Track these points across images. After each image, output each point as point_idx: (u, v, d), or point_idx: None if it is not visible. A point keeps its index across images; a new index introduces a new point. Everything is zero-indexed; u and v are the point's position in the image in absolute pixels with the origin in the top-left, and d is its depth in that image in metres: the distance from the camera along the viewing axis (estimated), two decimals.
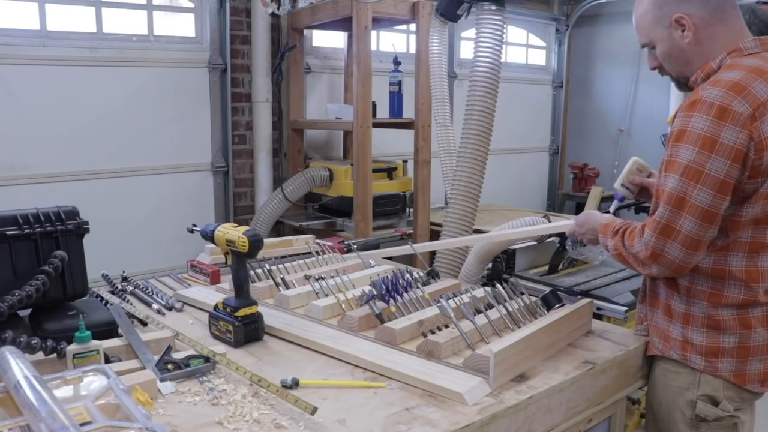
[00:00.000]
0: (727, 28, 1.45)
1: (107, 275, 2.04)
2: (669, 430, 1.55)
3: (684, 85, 1.54)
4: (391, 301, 1.63)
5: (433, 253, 2.97)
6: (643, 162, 1.77)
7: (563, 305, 1.65)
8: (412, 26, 3.89)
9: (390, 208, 3.77)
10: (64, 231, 1.56)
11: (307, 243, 2.29)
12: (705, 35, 1.44)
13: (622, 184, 1.75)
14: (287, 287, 1.85)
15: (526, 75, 5.62)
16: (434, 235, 3.46)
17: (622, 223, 1.54)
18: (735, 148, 1.31)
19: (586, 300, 1.69)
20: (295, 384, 1.31)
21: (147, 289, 1.93)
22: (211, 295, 1.85)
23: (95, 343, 1.33)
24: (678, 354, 1.50)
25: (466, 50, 5.05)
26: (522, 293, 1.70)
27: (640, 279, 2.39)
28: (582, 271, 2.57)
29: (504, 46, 2.72)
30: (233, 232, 1.54)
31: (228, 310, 1.55)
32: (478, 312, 1.57)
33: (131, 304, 1.80)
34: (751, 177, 1.34)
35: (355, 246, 2.23)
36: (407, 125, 3.72)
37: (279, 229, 3.97)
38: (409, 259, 2.56)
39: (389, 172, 3.84)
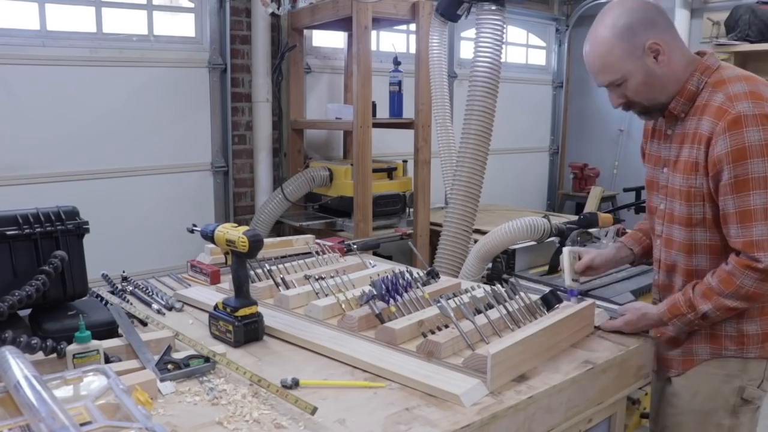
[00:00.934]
0: (680, 44, 1.51)
1: (107, 275, 2.04)
2: (704, 421, 1.59)
3: (657, 112, 1.57)
4: (391, 301, 1.63)
5: (433, 253, 2.97)
6: (576, 248, 1.88)
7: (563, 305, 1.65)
8: (412, 26, 3.89)
9: (390, 208, 3.77)
10: (64, 231, 1.56)
11: (307, 243, 2.29)
12: (673, 57, 1.49)
13: (573, 280, 1.80)
14: (287, 287, 1.85)
15: (526, 75, 5.62)
16: (434, 235, 3.46)
17: (685, 290, 1.52)
18: None
19: (589, 301, 1.69)
20: (295, 384, 1.31)
21: (147, 289, 1.93)
22: (211, 295, 1.85)
23: (95, 343, 1.33)
24: (732, 351, 1.55)
25: (466, 50, 5.05)
26: (516, 292, 1.69)
27: (639, 279, 2.40)
28: None
29: (504, 46, 2.72)
30: (233, 232, 1.54)
31: (228, 310, 1.55)
32: (478, 312, 1.57)
33: (131, 304, 1.80)
34: None
35: (355, 246, 2.23)
36: (407, 125, 3.72)
37: (279, 229, 3.97)
38: (409, 259, 2.56)
39: (389, 172, 3.84)
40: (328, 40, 4.31)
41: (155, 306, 1.79)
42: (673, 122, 1.57)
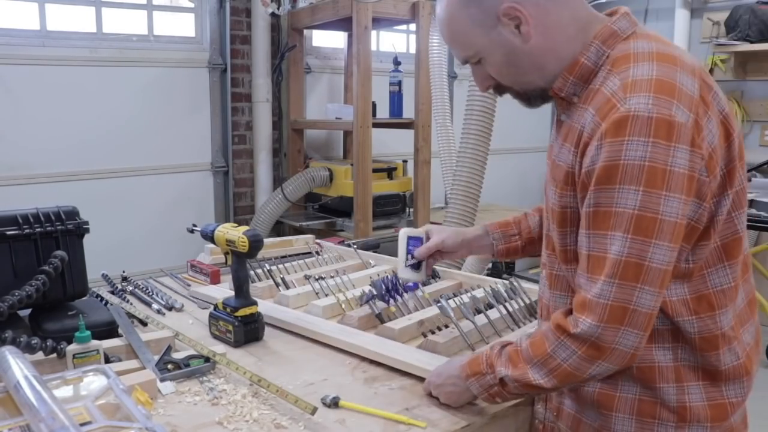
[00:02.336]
0: (567, 9, 1.07)
1: (107, 275, 2.04)
2: None
3: (538, 98, 1.15)
4: (391, 301, 1.63)
5: None
6: (414, 229, 1.49)
7: None
8: (412, 26, 3.89)
9: (390, 208, 3.77)
10: (64, 231, 1.56)
11: (307, 243, 2.29)
12: (549, 23, 1.06)
13: (406, 266, 1.44)
14: (287, 287, 1.85)
15: None
16: None
17: (494, 344, 1.16)
18: (688, 176, 0.95)
19: None
20: (335, 404, 1.23)
21: (147, 289, 1.93)
22: (226, 294, 1.84)
23: (95, 343, 1.33)
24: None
25: None
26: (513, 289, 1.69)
27: None
28: None
29: None
30: (233, 232, 1.53)
31: (228, 310, 1.55)
32: (478, 312, 1.57)
33: (131, 304, 1.79)
34: (703, 203, 1.00)
35: (355, 246, 2.23)
36: (407, 125, 3.72)
37: (279, 229, 3.97)
38: None
39: (389, 172, 3.85)
40: (328, 40, 4.31)
41: (155, 306, 1.79)
42: (565, 107, 1.11)
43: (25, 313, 1.55)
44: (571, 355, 1.01)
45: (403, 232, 1.47)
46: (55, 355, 1.33)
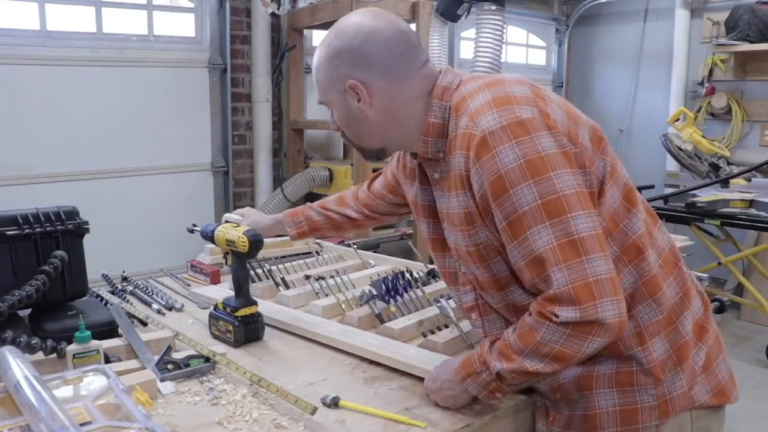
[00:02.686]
0: (415, 80, 1.18)
1: (107, 275, 2.04)
2: None
3: (373, 156, 1.28)
4: (391, 301, 1.63)
5: None
6: (232, 214, 1.68)
7: None
8: (413, 26, 3.89)
9: None
10: (64, 231, 1.56)
11: (307, 243, 2.30)
12: (389, 105, 1.18)
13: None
14: (287, 287, 1.85)
15: (526, 75, 5.58)
16: None
17: (482, 344, 1.17)
18: (561, 152, 1.05)
19: None
20: (335, 404, 1.23)
21: (147, 289, 1.93)
22: (226, 294, 1.84)
23: (95, 343, 1.33)
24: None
25: (466, 50, 5.05)
26: None
27: None
28: None
29: (504, 46, 2.72)
30: (233, 232, 1.54)
31: (228, 310, 1.55)
32: None
33: (131, 304, 1.80)
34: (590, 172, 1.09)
35: (355, 246, 2.23)
36: None
37: None
38: (409, 257, 2.55)
39: None
40: None
41: (155, 306, 1.79)
42: (435, 165, 1.21)
43: (25, 313, 1.55)
44: (561, 336, 1.04)
45: (225, 216, 1.69)
46: (55, 355, 1.33)
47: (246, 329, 1.53)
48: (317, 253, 2.21)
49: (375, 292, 1.65)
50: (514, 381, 1.13)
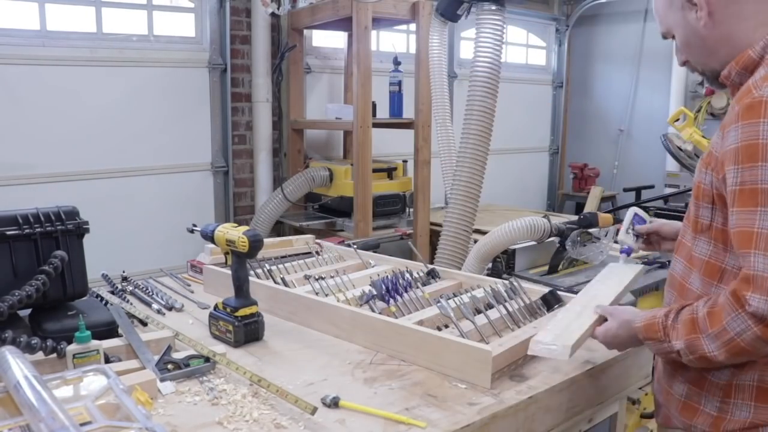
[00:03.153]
0: (756, 4, 1.15)
1: (107, 275, 2.04)
2: None
3: (714, 80, 1.25)
4: (391, 301, 1.63)
5: (433, 253, 2.97)
6: (643, 212, 1.69)
7: (563, 305, 1.65)
8: (412, 26, 3.89)
9: (390, 208, 3.77)
10: (64, 231, 1.56)
11: (307, 243, 2.29)
12: (725, 14, 1.15)
13: (627, 232, 1.64)
14: (287, 287, 1.85)
15: (526, 75, 5.63)
16: (434, 235, 3.46)
17: (669, 309, 1.17)
18: None
19: (638, 266, 1.70)
20: (335, 404, 1.23)
21: (147, 289, 1.93)
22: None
23: (95, 343, 1.33)
24: (701, 430, 1.22)
25: (466, 50, 5.05)
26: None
27: (647, 274, 2.39)
28: (582, 271, 2.57)
29: (504, 46, 2.72)
30: (233, 232, 1.54)
31: (228, 310, 1.55)
32: (478, 312, 1.57)
33: (131, 304, 1.80)
34: None
35: (355, 246, 2.23)
36: (407, 125, 3.72)
37: (279, 229, 3.97)
38: (408, 257, 2.56)
39: (389, 172, 3.85)
40: (328, 40, 4.31)
41: (155, 306, 1.79)
42: (734, 94, 1.20)
43: (25, 313, 1.55)
44: (746, 330, 1.02)
45: (632, 209, 1.70)
46: (55, 355, 1.33)
47: (246, 329, 1.53)
48: (317, 253, 2.21)
49: (375, 292, 1.65)
50: (689, 362, 1.12)
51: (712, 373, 1.19)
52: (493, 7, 2.61)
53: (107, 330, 1.49)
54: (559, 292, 1.69)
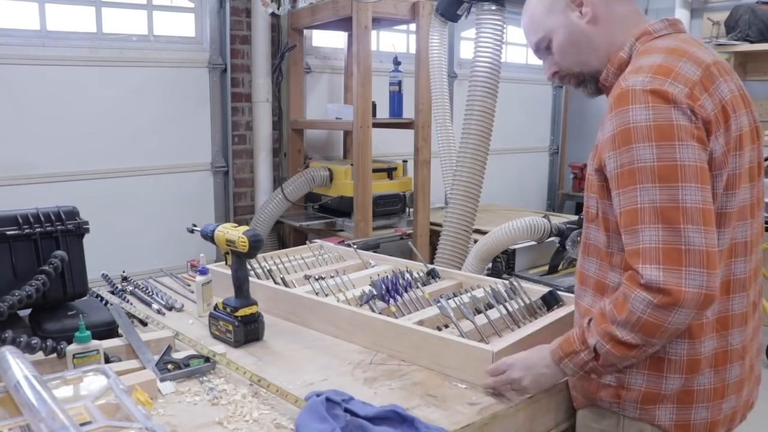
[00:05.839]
0: (626, 7, 1.26)
1: (107, 275, 2.04)
2: None
3: (593, 84, 1.31)
4: (391, 301, 1.63)
5: (433, 253, 2.97)
6: None
7: (563, 305, 1.65)
8: (412, 26, 3.89)
9: (390, 208, 3.77)
10: (64, 231, 1.56)
11: (308, 243, 2.30)
12: (605, 14, 1.24)
13: None
14: (287, 287, 1.85)
15: (526, 75, 5.62)
16: (434, 235, 3.46)
17: (582, 321, 1.21)
18: (693, 128, 1.07)
19: None
20: None
21: (147, 289, 1.93)
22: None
23: (95, 343, 1.33)
24: (608, 402, 1.24)
25: (466, 50, 5.05)
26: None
27: None
28: None
29: (504, 46, 2.72)
30: (233, 232, 1.54)
31: (228, 310, 1.55)
32: (478, 312, 1.57)
33: (131, 304, 1.80)
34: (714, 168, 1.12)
35: (355, 246, 2.23)
36: (407, 125, 3.72)
37: (279, 229, 3.97)
38: (408, 257, 2.56)
39: (389, 172, 3.84)
40: (328, 40, 4.30)
41: (155, 306, 1.79)
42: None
43: (25, 313, 1.55)
44: (647, 306, 1.06)
45: None
46: (55, 355, 1.33)
47: (246, 329, 1.53)
48: (317, 253, 2.21)
49: (375, 292, 1.65)
50: (608, 357, 1.13)
51: None
52: (493, 7, 2.61)
53: (107, 330, 1.50)
54: (559, 292, 1.69)
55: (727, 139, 1.12)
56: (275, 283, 1.86)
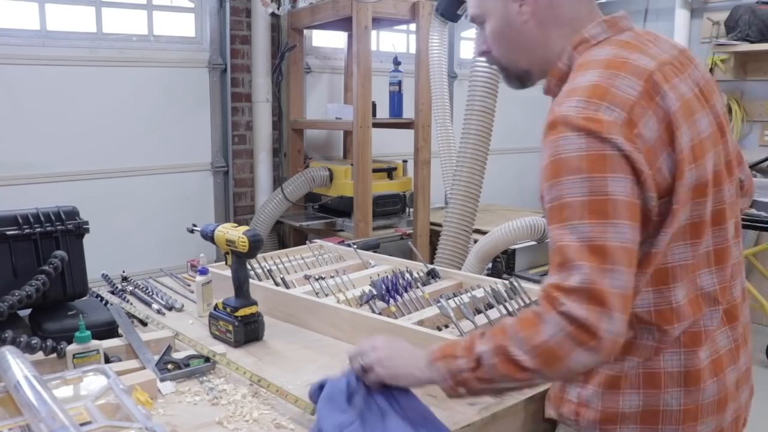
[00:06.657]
0: (577, 9, 1.13)
1: (107, 275, 2.04)
2: None
3: (516, 80, 1.23)
4: (391, 301, 1.63)
5: (433, 253, 2.97)
6: None
7: None
8: (412, 26, 3.89)
9: (390, 208, 3.77)
10: (64, 231, 1.56)
11: (308, 243, 2.29)
12: (547, 15, 1.13)
13: None
14: (287, 287, 1.85)
15: None
16: (434, 235, 3.46)
17: (478, 330, 1.14)
18: (627, 158, 0.97)
19: None
20: None
21: (147, 289, 1.93)
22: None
23: (95, 343, 1.33)
24: (569, 419, 1.17)
25: (466, 50, 5.05)
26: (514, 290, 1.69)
27: None
28: None
29: None
30: (233, 232, 1.54)
31: (228, 310, 1.55)
32: (478, 312, 1.57)
33: (131, 304, 1.80)
34: (661, 196, 1.02)
35: (355, 246, 2.23)
36: (407, 125, 3.72)
37: (279, 229, 3.97)
38: (408, 257, 2.56)
39: (389, 172, 3.85)
40: (328, 40, 4.31)
41: (155, 306, 1.79)
42: None
43: (25, 313, 1.55)
44: (560, 331, 0.94)
45: None
46: (55, 355, 1.33)
47: (246, 329, 1.53)
48: (317, 253, 2.21)
49: (375, 292, 1.65)
50: (490, 372, 1.00)
51: None
52: None
53: (107, 330, 1.49)
54: None
55: (675, 159, 1.02)
56: (275, 283, 1.86)
